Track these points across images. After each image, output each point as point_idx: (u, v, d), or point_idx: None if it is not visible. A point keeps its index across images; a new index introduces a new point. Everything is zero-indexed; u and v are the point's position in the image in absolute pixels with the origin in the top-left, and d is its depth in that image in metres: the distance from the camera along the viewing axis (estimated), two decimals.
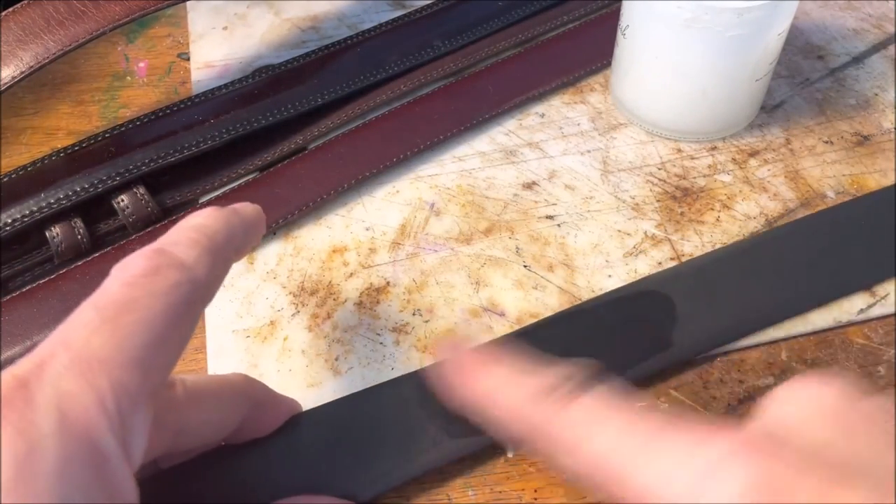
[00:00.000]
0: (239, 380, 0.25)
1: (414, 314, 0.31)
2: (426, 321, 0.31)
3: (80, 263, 0.33)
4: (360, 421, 0.27)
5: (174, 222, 0.34)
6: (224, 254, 0.22)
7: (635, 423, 0.20)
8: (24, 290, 0.32)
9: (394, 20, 0.43)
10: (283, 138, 0.38)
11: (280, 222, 0.34)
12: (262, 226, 0.25)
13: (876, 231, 0.32)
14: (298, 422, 0.27)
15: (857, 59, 0.42)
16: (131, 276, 0.19)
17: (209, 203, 0.35)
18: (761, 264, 0.32)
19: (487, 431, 0.24)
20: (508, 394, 0.22)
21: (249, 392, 0.25)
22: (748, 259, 0.32)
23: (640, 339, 0.29)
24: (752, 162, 0.37)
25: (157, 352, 0.19)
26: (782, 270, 0.31)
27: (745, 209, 0.35)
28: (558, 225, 0.34)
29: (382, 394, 0.28)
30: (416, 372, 0.28)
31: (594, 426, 0.20)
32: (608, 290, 0.32)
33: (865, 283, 0.31)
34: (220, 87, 0.39)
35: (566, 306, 0.31)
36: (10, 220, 0.32)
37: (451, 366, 0.24)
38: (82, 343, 0.18)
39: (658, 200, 0.35)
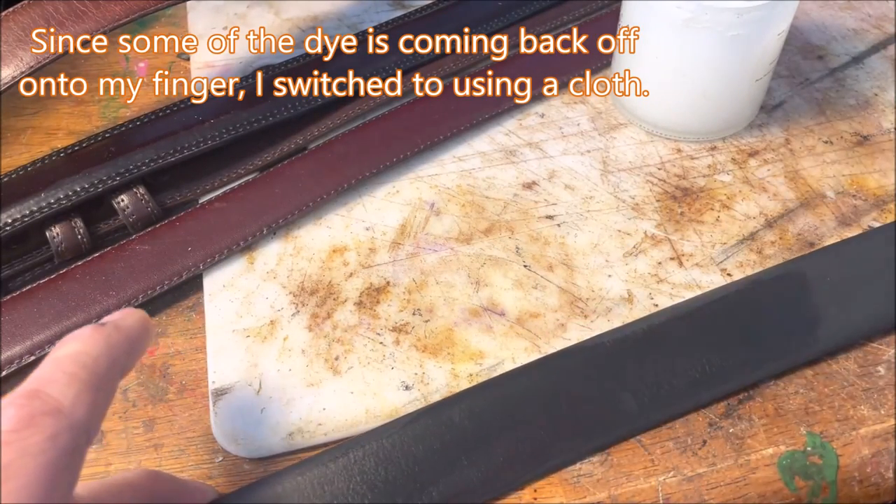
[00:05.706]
0: (140, 479, 0.23)
1: (414, 314, 0.31)
2: (426, 321, 0.31)
3: (80, 263, 0.33)
4: None
5: (174, 222, 0.35)
6: (107, 381, 0.20)
7: None
8: (24, 290, 0.32)
9: (394, 20, 0.43)
10: (283, 138, 0.38)
11: (280, 222, 0.34)
12: (149, 334, 0.23)
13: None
14: None
15: (857, 59, 0.42)
16: (3, 434, 0.18)
17: (209, 203, 0.35)
18: (791, 295, 0.31)
19: None
20: None
21: (154, 490, 0.24)
22: (783, 287, 0.31)
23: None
24: (752, 162, 0.37)
25: None
26: (814, 302, 0.30)
27: (745, 209, 0.35)
28: (558, 225, 0.34)
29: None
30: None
31: None
32: (607, 289, 0.32)
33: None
34: (220, 87, 0.39)
35: (566, 306, 0.31)
36: (10, 220, 0.32)
37: None
38: None
39: (658, 200, 0.35)
